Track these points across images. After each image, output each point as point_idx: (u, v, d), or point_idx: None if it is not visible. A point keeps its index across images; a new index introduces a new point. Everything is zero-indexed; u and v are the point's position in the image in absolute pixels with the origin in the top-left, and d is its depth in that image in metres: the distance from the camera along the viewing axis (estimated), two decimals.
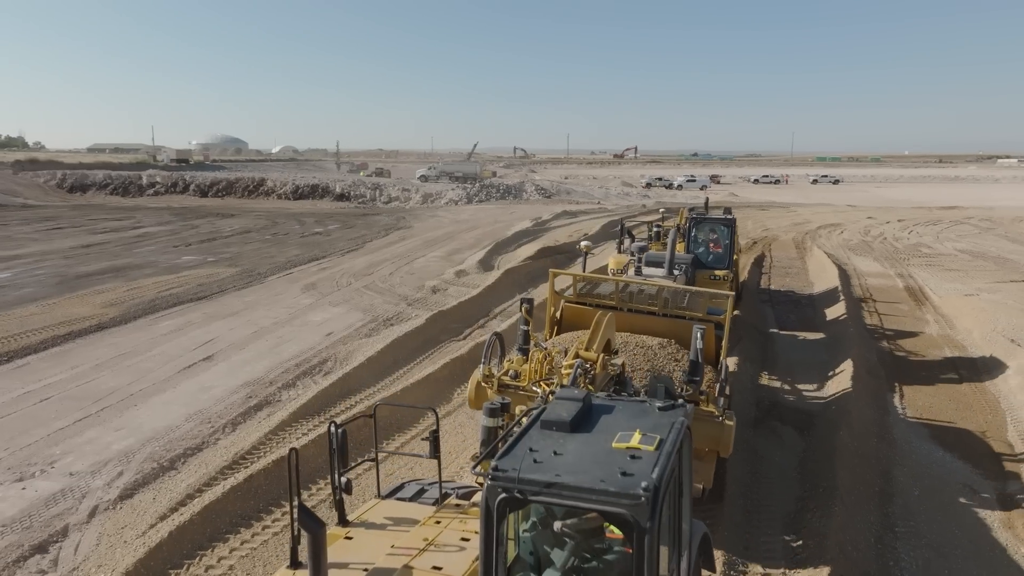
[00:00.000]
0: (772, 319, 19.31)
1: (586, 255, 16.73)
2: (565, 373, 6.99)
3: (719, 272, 16.56)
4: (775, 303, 21.45)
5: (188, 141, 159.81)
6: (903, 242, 35.01)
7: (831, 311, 19.76)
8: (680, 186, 78.31)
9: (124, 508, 8.95)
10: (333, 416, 11.88)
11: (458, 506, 5.62)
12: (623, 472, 3.76)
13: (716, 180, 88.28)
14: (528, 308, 8.90)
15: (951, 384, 14.14)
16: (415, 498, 6.04)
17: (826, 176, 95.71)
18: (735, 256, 18.08)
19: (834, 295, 21.49)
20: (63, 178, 66.61)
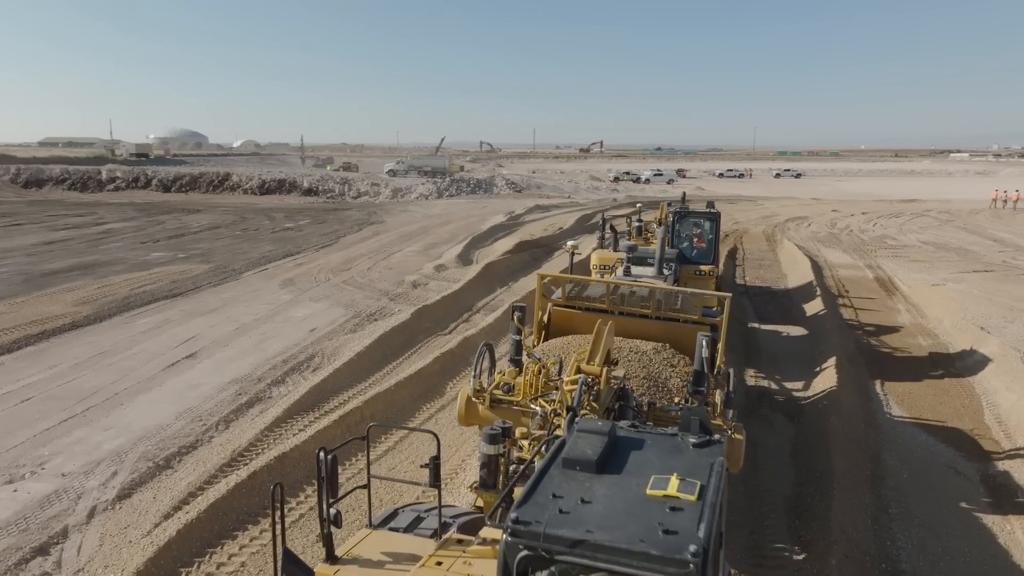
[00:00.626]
0: (751, 311, 19.69)
1: (572, 255, 16.16)
2: (568, 390, 6.39)
3: (704, 267, 16.33)
4: (751, 295, 21.86)
5: (145, 135, 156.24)
6: (868, 234, 35.93)
7: (807, 302, 20.24)
8: (648, 180, 78.96)
9: (124, 508, 8.78)
10: (328, 411, 11.80)
11: (460, 541, 4.99)
12: (665, 529, 3.32)
13: (682, 174, 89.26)
14: (520, 316, 8.30)
15: (928, 371, 14.62)
16: (411, 528, 5.41)
17: (788, 170, 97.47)
18: (718, 250, 18.14)
19: (809, 286, 22.00)
20: (17, 173, 64.29)
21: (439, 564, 4.62)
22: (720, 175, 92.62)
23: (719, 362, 8.71)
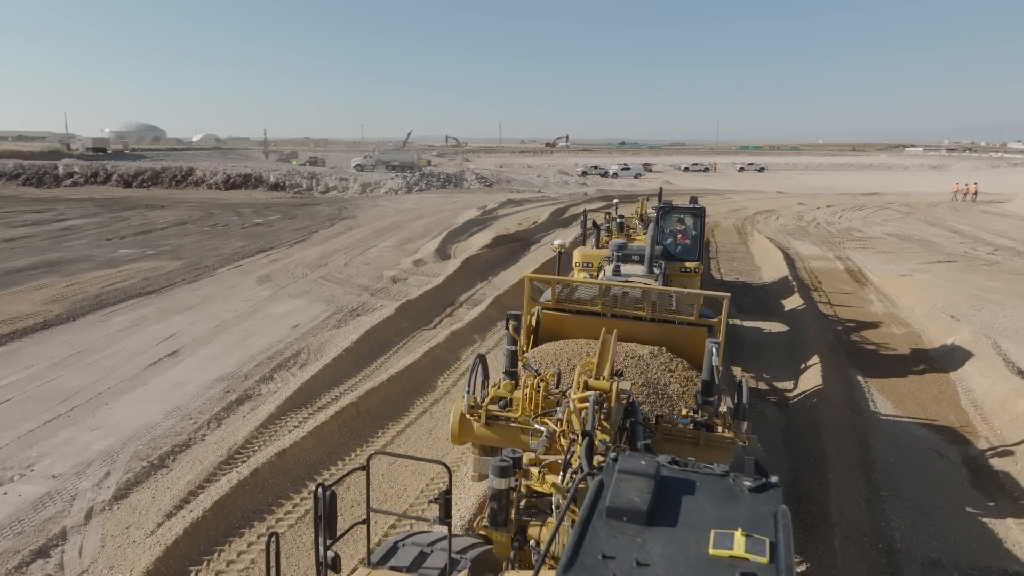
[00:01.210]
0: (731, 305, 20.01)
1: (560, 256, 15.49)
2: (580, 407, 5.71)
3: (689, 264, 15.88)
4: (728, 288, 22.21)
5: (100, 129, 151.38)
6: (835, 226, 36.81)
7: (783, 293, 20.69)
8: (615, 174, 79.61)
9: (123, 508, 8.61)
10: (322, 407, 11.70)
11: None
12: None
13: (648, 168, 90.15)
14: (515, 325, 7.81)
15: (904, 358, 15.09)
16: (415, 567, 4.71)
17: (752, 164, 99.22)
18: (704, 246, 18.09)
19: (784, 278, 22.47)
20: None
21: None
22: (686, 169, 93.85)
23: (717, 364, 8.09)
